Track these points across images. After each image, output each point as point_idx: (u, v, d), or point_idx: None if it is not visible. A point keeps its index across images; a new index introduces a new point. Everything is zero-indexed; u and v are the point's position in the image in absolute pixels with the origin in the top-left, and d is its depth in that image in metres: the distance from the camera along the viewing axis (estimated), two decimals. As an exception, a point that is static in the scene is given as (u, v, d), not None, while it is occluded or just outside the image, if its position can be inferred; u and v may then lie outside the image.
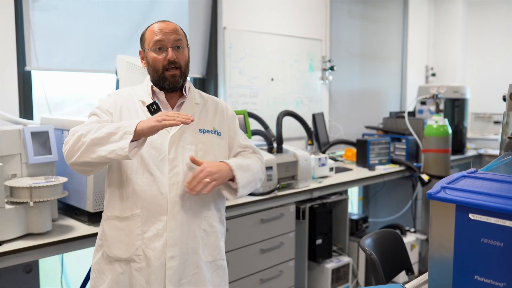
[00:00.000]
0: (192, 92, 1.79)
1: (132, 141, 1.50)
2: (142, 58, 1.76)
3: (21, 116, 2.64)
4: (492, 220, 0.92)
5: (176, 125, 1.52)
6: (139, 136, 1.52)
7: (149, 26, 1.73)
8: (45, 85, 2.80)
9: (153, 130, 1.51)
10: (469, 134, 5.49)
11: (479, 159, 5.03)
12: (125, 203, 1.67)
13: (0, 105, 2.52)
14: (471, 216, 0.95)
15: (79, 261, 2.92)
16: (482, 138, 5.48)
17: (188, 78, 1.77)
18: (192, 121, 1.53)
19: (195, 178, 1.60)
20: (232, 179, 1.69)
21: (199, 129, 1.72)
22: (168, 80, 1.68)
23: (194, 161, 1.64)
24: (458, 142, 4.76)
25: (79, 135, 1.55)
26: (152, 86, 1.74)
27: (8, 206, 1.89)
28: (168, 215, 1.63)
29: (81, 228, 2.09)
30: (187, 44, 1.74)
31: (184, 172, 1.66)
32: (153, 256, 1.63)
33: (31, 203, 1.90)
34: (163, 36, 1.67)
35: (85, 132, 1.55)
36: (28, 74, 2.73)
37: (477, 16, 6.13)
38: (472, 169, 1.15)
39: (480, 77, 6.07)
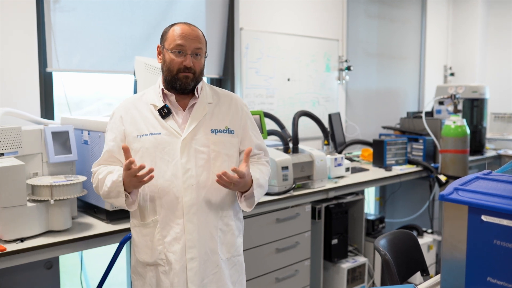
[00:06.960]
0: (204, 91, 1.78)
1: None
2: (159, 53, 1.76)
3: (42, 116, 2.70)
4: (505, 222, 0.92)
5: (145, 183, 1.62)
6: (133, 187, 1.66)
7: (173, 25, 1.72)
8: (65, 84, 2.86)
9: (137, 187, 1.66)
10: (489, 135, 5.41)
11: (499, 160, 4.96)
12: (145, 210, 1.72)
13: (22, 105, 2.58)
14: (483, 217, 0.95)
15: (98, 258, 2.98)
16: (502, 139, 5.39)
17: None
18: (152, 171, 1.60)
19: (231, 178, 1.62)
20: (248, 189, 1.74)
21: (211, 130, 1.72)
22: (181, 81, 1.69)
23: (235, 170, 1.65)
24: (477, 142, 4.70)
25: (95, 186, 1.75)
26: (162, 90, 1.74)
27: (29, 204, 1.94)
28: (184, 218, 1.66)
29: (100, 226, 2.13)
30: (206, 52, 1.75)
31: (197, 175, 1.67)
32: (173, 259, 1.66)
33: (52, 201, 1.95)
34: (185, 41, 1.67)
35: (96, 184, 1.74)
36: (49, 75, 2.79)
37: (497, 14, 6.03)
38: (486, 171, 1.15)
39: (499, 77, 5.97)
